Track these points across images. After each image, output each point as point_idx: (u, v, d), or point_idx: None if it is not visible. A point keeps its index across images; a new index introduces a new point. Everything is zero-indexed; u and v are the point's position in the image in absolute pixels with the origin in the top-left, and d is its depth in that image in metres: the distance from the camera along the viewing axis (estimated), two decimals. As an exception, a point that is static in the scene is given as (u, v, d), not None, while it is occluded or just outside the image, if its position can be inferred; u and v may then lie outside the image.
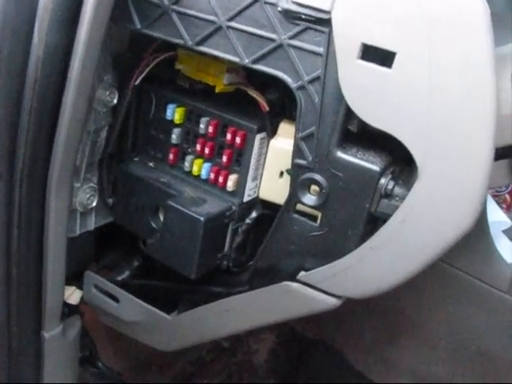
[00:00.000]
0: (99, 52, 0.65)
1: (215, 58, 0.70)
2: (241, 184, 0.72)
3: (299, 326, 1.22)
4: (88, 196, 0.78)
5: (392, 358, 1.18)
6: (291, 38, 0.60)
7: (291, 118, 0.68)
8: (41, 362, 0.79)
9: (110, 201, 0.79)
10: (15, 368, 0.78)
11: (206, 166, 0.73)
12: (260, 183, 0.73)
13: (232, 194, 0.73)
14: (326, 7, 0.56)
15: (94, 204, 0.79)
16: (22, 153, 0.68)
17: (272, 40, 0.61)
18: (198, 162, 0.74)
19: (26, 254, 0.74)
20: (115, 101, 0.74)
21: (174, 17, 0.65)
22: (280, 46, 0.61)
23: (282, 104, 0.72)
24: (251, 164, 0.71)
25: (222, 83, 0.70)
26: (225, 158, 0.72)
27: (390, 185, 0.61)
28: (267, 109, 0.69)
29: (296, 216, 0.65)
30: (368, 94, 0.57)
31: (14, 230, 0.72)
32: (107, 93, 0.74)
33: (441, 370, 1.14)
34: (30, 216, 0.72)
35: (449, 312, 1.11)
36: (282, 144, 0.67)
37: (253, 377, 1.20)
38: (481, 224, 0.98)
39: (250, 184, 0.72)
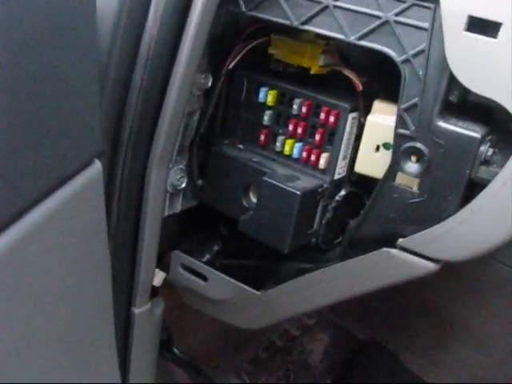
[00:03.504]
0: (207, 34, 0.70)
1: (310, 40, 0.74)
2: (332, 162, 0.76)
3: (351, 326, 1.24)
4: (178, 177, 0.81)
5: (447, 360, 1.19)
6: (397, 14, 0.64)
7: (382, 99, 0.72)
8: (129, 338, 0.81)
9: (200, 182, 0.82)
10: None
11: (298, 145, 0.77)
12: (348, 162, 0.77)
13: (323, 171, 0.76)
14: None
15: (184, 185, 0.82)
16: (128, 130, 0.71)
17: (378, 17, 0.65)
18: (290, 141, 0.77)
19: (123, 231, 0.76)
20: (209, 84, 0.78)
21: (280, -2, 0.69)
22: (386, 22, 0.65)
23: (371, 86, 0.76)
24: (343, 143, 0.75)
25: (317, 65, 0.74)
26: (317, 137, 0.75)
27: (489, 152, 0.65)
28: (361, 88, 0.73)
29: (397, 184, 0.68)
30: (474, 64, 0.61)
31: (113, 206, 0.75)
32: (202, 76, 0.78)
33: (499, 373, 1.15)
34: (129, 193, 0.75)
35: (506, 314, 1.13)
36: (379, 119, 0.71)
37: (309, 376, 1.21)
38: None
39: (340, 162, 0.76)
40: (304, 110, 0.75)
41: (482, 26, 0.60)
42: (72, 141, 0.47)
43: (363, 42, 0.67)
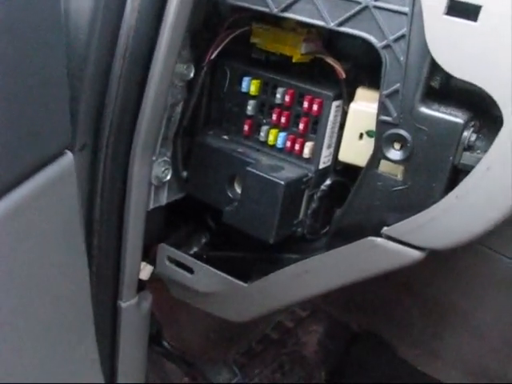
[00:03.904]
0: (187, 23, 0.69)
1: (292, 29, 0.73)
2: (316, 151, 0.75)
3: (346, 318, 1.24)
4: (163, 169, 0.80)
5: (442, 349, 1.19)
6: (376, -1, 0.63)
7: (365, 86, 0.71)
8: (117, 332, 0.80)
9: (184, 174, 0.82)
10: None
11: (282, 134, 0.76)
12: (333, 151, 0.76)
13: (308, 161, 0.75)
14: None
15: (168, 177, 0.81)
16: (109, 123, 0.71)
17: (357, 2, 0.64)
18: (274, 131, 0.77)
19: (107, 224, 0.76)
20: (192, 75, 0.77)
21: (259, -14, 0.68)
22: (365, 7, 0.64)
23: (354, 74, 0.75)
24: (327, 131, 0.74)
25: (299, 53, 0.73)
26: (301, 126, 0.74)
27: (473, 137, 0.64)
28: (344, 75, 0.72)
29: (380, 172, 0.67)
30: (454, 48, 0.60)
31: (96, 199, 0.74)
32: (184, 67, 0.77)
33: (493, 361, 1.15)
34: (112, 186, 0.74)
35: (500, 302, 1.12)
36: (362, 107, 0.70)
37: (303, 368, 1.20)
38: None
39: (325, 151, 0.75)
40: (287, 98, 0.75)
41: (462, 10, 0.59)
42: (41, 132, 0.47)
43: (343, 29, 0.66)
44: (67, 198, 0.53)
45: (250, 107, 0.77)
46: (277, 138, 0.76)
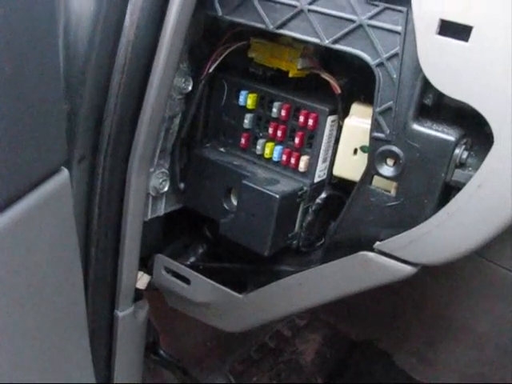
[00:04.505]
0: (185, 37, 0.70)
1: (289, 44, 0.74)
2: (312, 165, 0.76)
3: (344, 327, 1.24)
4: (160, 181, 0.81)
5: (439, 359, 1.19)
6: (370, 18, 0.64)
7: (360, 101, 0.72)
8: (113, 341, 0.81)
9: (182, 185, 0.83)
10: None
11: (278, 148, 0.77)
12: (329, 165, 0.77)
13: (303, 174, 0.76)
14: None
15: (166, 189, 0.82)
16: (107, 135, 0.72)
17: (352, 21, 0.65)
18: (270, 145, 0.78)
19: (104, 234, 0.77)
20: (190, 88, 0.79)
21: (256, 2, 0.69)
22: (359, 26, 0.65)
23: (350, 89, 0.75)
24: (322, 146, 0.75)
25: (295, 68, 0.74)
26: (297, 140, 0.75)
27: (464, 155, 0.65)
28: (339, 91, 0.73)
29: (373, 187, 0.68)
30: (446, 67, 0.61)
31: (94, 209, 0.75)
32: (183, 80, 0.78)
33: (490, 370, 1.15)
34: (110, 196, 0.75)
35: (497, 313, 1.13)
36: (356, 122, 0.71)
37: (300, 376, 1.21)
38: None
39: (320, 165, 0.76)
40: (283, 113, 0.76)
41: (454, 30, 0.60)
42: (37, 149, 0.48)
43: (338, 46, 0.67)
44: (63, 214, 0.54)
45: (247, 120, 0.78)
46: (273, 151, 0.77)
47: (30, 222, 0.50)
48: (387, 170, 0.67)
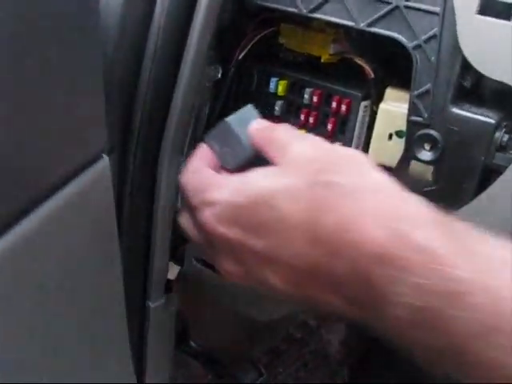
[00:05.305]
0: (216, 22, 0.69)
1: (321, 29, 0.73)
2: (344, 151, 0.74)
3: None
4: (190, 170, 0.80)
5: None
6: (407, -1, 0.63)
7: (393, 86, 0.71)
8: (145, 332, 0.81)
9: (212, 174, 0.81)
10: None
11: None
12: (362, 151, 0.75)
13: (336, 161, 0.75)
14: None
15: (196, 178, 0.81)
16: (138, 124, 0.71)
17: (388, 3, 0.64)
18: (302, 132, 0.76)
19: (135, 225, 0.76)
20: (219, 75, 0.78)
21: (287, -14, 0.68)
22: (396, 7, 0.64)
23: (381, 74, 0.74)
24: (355, 131, 0.74)
25: (327, 53, 0.73)
26: (330, 127, 0.74)
27: (505, 138, 0.63)
28: (372, 75, 0.72)
29: (410, 172, 0.67)
30: (487, 48, 0.60)
31: (125, 200, 0.74)
32: (212, 67, 0.77)
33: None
34: (141, 187, 0.74)
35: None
36: (392, 107, 0.70)
37: (327, 366, 1.21)
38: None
39: (353, 151, 0.75)
40: (315, 99, 0.75)
41: (495, 9, 0.59)
42: (77, 137, 0.47)
43: (373, 29, 0.65)
44: (104, 202, 0.53)
45: (278, 108, 0.77)
46: (305, 138, 0.76)
47: (72, 211, 0.49)
48: (425, 154, 0.66)
